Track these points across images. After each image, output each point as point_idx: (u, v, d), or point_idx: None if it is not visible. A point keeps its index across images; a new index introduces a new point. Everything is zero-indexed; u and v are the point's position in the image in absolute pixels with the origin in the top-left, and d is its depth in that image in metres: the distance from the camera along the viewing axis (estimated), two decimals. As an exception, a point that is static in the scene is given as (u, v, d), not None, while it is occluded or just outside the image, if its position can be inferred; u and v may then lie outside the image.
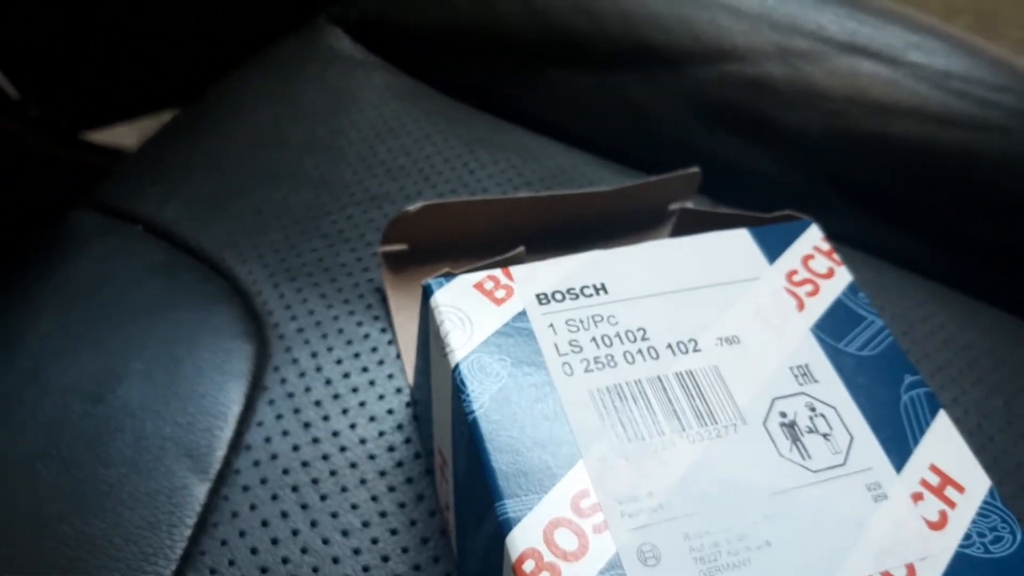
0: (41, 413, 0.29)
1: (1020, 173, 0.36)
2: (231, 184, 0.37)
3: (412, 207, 0.31)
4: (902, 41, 0.40)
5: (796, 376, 0.24)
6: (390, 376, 0.30)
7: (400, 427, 0.29)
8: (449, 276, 0.25)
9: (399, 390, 0.30)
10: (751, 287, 0.26)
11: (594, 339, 0.24)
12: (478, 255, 0.32)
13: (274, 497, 0.27)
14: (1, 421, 0.29)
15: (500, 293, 0.25)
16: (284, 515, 0.26)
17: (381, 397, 0.29)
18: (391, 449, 0.28)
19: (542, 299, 0.25)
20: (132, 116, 1.01)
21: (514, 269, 0.26)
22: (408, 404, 0.30)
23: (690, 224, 0.32)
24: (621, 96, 0.40)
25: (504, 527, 0.21)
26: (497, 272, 0.25)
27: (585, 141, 0.40)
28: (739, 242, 0.28)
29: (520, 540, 0.20)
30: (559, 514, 0.21)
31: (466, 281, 0.25)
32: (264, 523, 0.26)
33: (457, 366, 0.23)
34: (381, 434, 0.29)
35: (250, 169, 0.38)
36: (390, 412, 0.29)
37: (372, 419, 0.29)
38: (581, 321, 0.25)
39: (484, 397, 0.23)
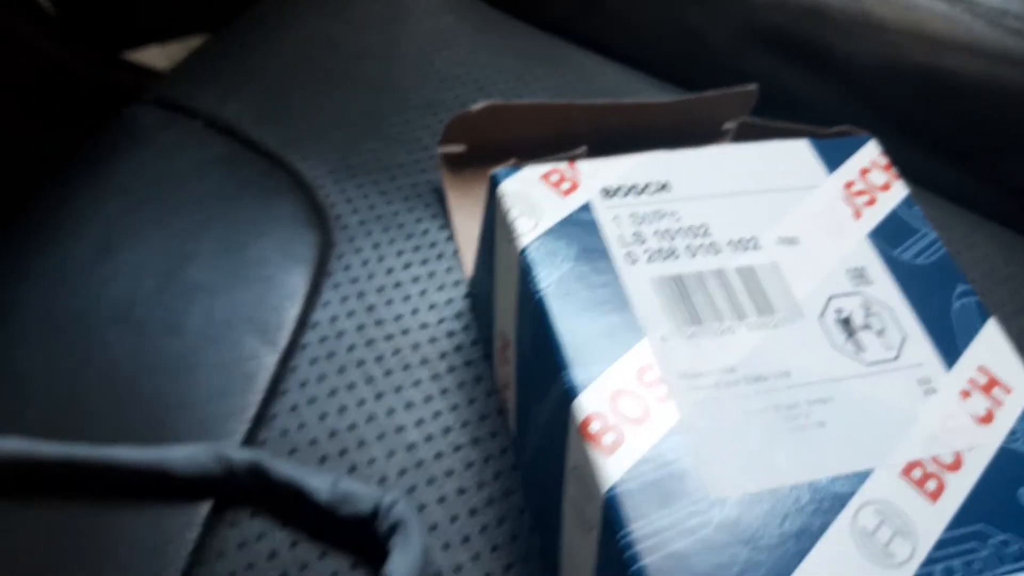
0: (113, 286, 0.30)
1: None
2: (288, 86, 0.38)
3: (476, 106, 0.31)
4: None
5: (852, 277, 0.25)
6: (448, 269, 0.31)
7: (459, 315, 0.30)
8: (516, 167, 0.26)
9: (457, 283, 0.31)
10: (810, 193, 0.27)
11: (657, 232, 0.25)
12: (535, 159, 0.33)
13: (341, 370, 0.28)
14: (74, 291, 0.30)
15: (565, 185, 0.26)
16: (350, 387, 0.28)
17: (440, 287, 0.30)
18: (451, 334, 0.29)
19: (606, 193, 0.26)
20: (168, 37, 1.01)
21: (580, 163, 0.26)
22: (466, 295, 0.31)
23: (749, 137, 0.33)
24: (678, 19, 0.40)
25: (571, 393, 0.22)
26: (563, 165, 0.26)
27: (639, 63, 0.40)
28: (799, 152, 0.29)
29: (586, 404, 0.21)
30: (623, 385, 0.22)
31: (533, 172, 0.26)
32: (332, 392, 0.27)
33: (524, 250, 0.24)
34: (441, 320, 0.30)
35: (306, 73, 0.38)
36: (449, 302, 0.30)
37: (432, 307, 0.30)
38: (644, 215, 0.25)
39: (550, 279, 0.24)
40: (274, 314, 0.29)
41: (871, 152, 0.29)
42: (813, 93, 0.39)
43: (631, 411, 0.21)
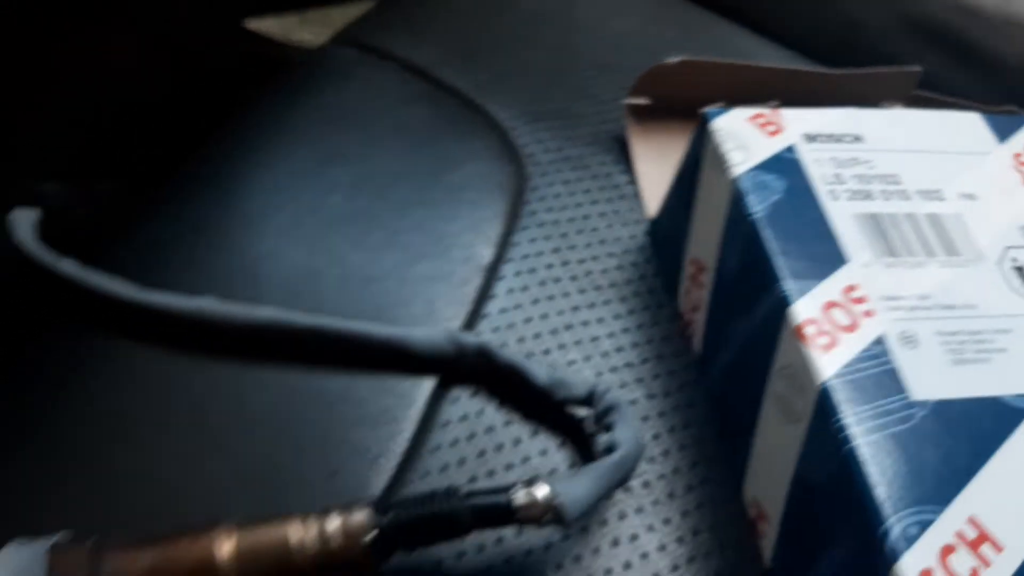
0: (334, 196, 0.33)
1: None
2: (474, 39, 0.41)
3: (671, 59, 0.34)
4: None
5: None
6: (631, 209, 0.34)
7: (641, 249, 0.33)
8: (725, 108, 0.29)
9: (638, 221, 0.34)
10: (985, 159, 0.30)
11: (854, 176, 0.28)
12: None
13: (541, 283, 0.31)
14: (295, 197, 0.33)
15: (771, 128, 0.29)
16: (550, 298, 0.31)
17: (624, 224, 0.34)
18: (634, 265, 0.32)
19: (808, 138, 0.29)
20: (287, 8, 1.06)
21: (783, 111, 0.29)
22: (647, 232, 0.34)
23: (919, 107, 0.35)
24: (839, 7, 0.43)
25: (787, 300, 0.24)
26: (767, 110, 0.29)
27: (797, 46, 0.43)
28: (973, 122, 0.31)
29: (802, 311, 0.24)
30: (834, 298, 0.25)
31: (742, 113, 0.29)
32: (534, 301, 0.31)
33: (737, 179, 0.27)
34: (625, 251, 0.33)
35: (489, 28, 0.42)
36: (632, 237, 0.33)
37: (617, 239, 0.33)
38: (843, 160, 0.28)
39: (762, 205, 0.27)
40: (478, 232, 0.32)
41: (1041, 127, 0.31)
42: (962, 84, 0.41)
43: (841, 320, 0.24)
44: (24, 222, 0.32)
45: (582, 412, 0.27)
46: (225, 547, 0.22)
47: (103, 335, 0.29)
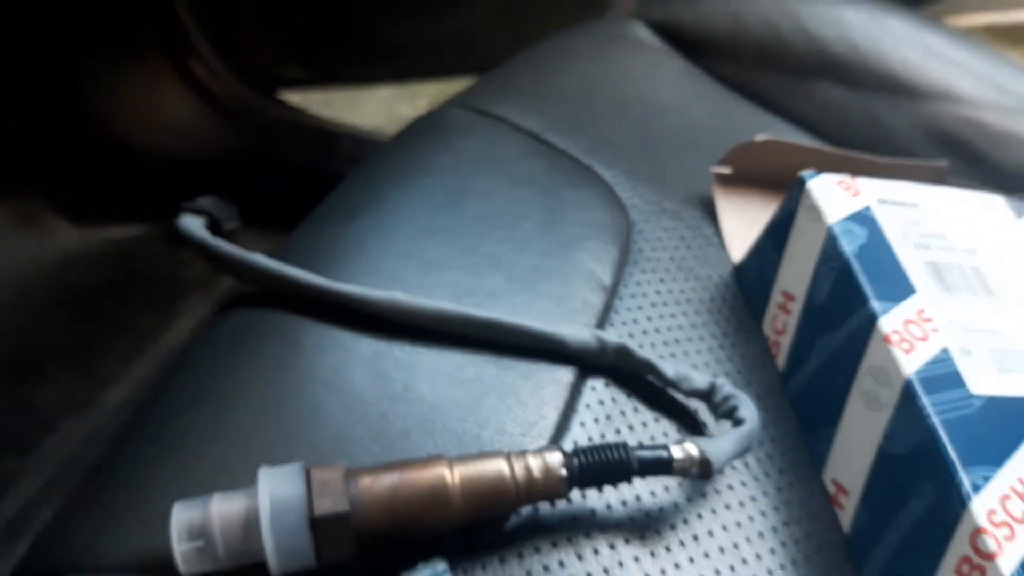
0: (468, 228, 0.40)
1: None
2: (575, 111, 0.49)
3: (758, 137, 0.42)
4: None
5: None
6: (718, 254, 0.41)
7: (727, 286, 0.40)
8: (816, 172, 0.37)
9: (724, 264, 0.41)
10: (1007, 230, 0.38)
11: (916, 232, 0.36)
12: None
13: (653, 304, 0.38)
14: (426, 234, 0.40)
15: (852, 191, 0.37)
16: (661, 316, 0.38)
17: (713, 266, 0.41)
18: (724, 299, 0.39)
19: (881, 202, 0.36)
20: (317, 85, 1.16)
21: (859, 179, 0.37)
22: (732, 272, 0.41)
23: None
24: (871, 113, 0.52)
25: (875, 316, 0.32)
26: (847, 178, 0.37)
27: (831, 138, 0.51)
28: (996, 201, 0.39)
29: (887, 324, 0.31)
30: (910, 317, 0.32)
31: (831, 178, 0.37)
32: (649, 318, 0.37)
33: (831, 226, 0.35)
34: (717, 287, 0.40)
35: (587, 104, 0.50)
36: (720, 276, 0.40)
37: (709, 277, 0.40)
38: (906, 220, 0.36)
39: (851, 247, 0.34)
40: (599, 260, 0.39)
41: (1051, 211, 0.40)
42: (969, 184, 0.50)
43: (916, 333, 0.31)
44: (195, 224, 0.38)
45: (697, 404, 0.34)
46: (452, 474, 0.28)
47: (294, 316, 0.35)
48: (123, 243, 0.90)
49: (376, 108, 1.35)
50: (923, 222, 0.36)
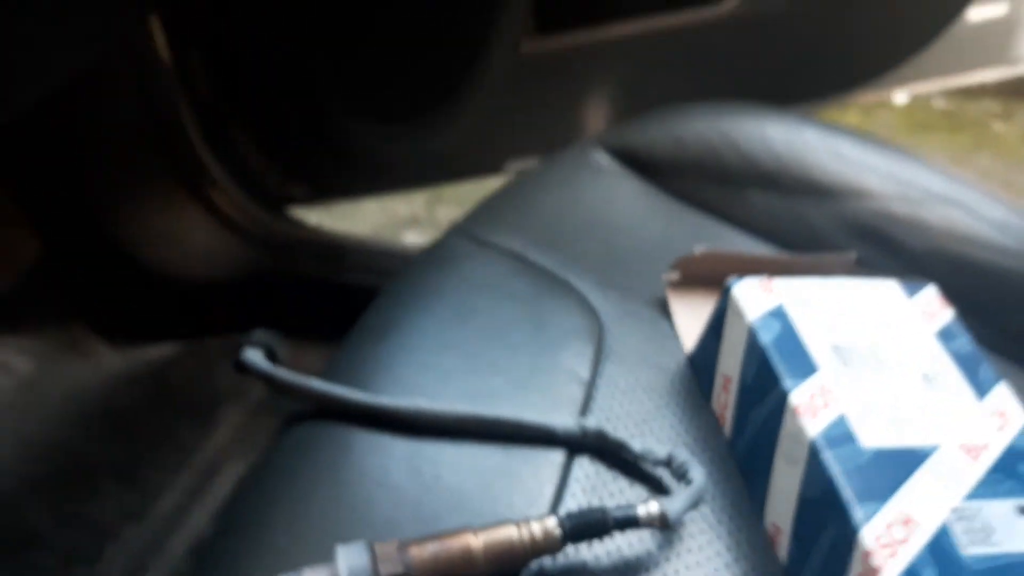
0: (472, 341, 0.50)
1: None
2: (551, 233, 0.60)
3: (697, 249, 0.53)
4: (975, 199, 0.62)
5: (935, 345, 0.45)
6: (675, 346, 0.52)
7: (683, 371, 0.50)
8: (739, 278, 0.47)
9: (679, 353, 0.51)
10: (899, 310, 0.48)
11: (821, 320, 0.46)
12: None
13: (624, 392, 0.48)
14: (435, 348, 0.50)
15: (768, 292, 0.47)
16: (631, 401, 0.47)
17: (671, 356, 0.51)
18: (681, 382, 0.49)
19: (792, 297, 0.47)
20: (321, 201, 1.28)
21: (774, 280, 0.47)
22: (687, 360, 0.51)
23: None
24: (798, 214, 0.62)
25: (787, 392, 0.42)
26: (765, 281, 0.47)
27: (773, 239, 0.62)
28: (891, 286, 0.50)
29: (796, 399, 0.41)
30: (814, 390, 0.42)
31: (750, 282, 0.47)
32: (622, 404, 0.47)
33: (750, 323, 0.45)
34: (674, 374, 0.50)
35: (561, 226, 0.60)
36: (677, 364, 0.51)
37: (667, 366, 0.50)
38: (812, 312, 0.46)
39: (768, 338, 0.44)
40: (577, 359, 0.49)
41: (932, 291, 0.50)
42: (885, 266, 0.60)
43: (819, 403, 0.41)
44: (256, 355, 0.48)
45: (661, 471, 0.44)
46: (477, 540, 0.37)
47: (345, 426, 0.45)
48: (159, 361, 1.00)
49: (375, 209, 1.47)
50: (827, 311, 0.47)
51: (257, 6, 0.97)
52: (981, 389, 0.45)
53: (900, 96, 1.86)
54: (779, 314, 0.46)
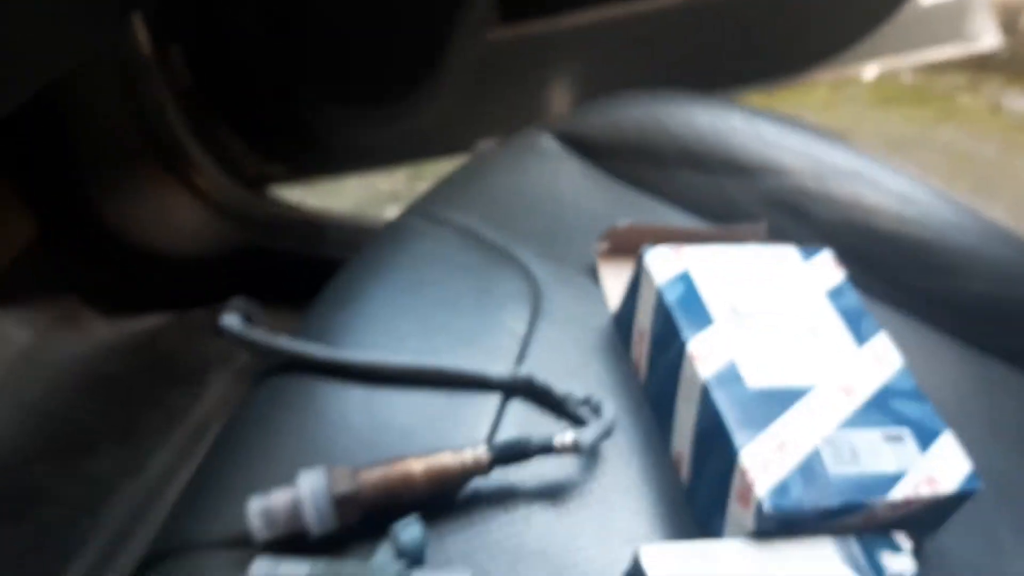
0: (421, 307, 0.57)
1: (940, 249, 0.65)
2: (498, 210, 0.67)
3: (620, 224, 0.60)
4: (880, 171, 0.69)
5: (824, 302, 0.53)
6: (602, 306, 0.59)
7: (608, 327, 0.58)
8: (652, 247, 0.55)
9: (605, 313, 0.59)
10: (795, 273, 0.56)
11: (721, 283, 0.53)
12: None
13: (559, 347, 0.55)
14: (402, 310, 0.57)
15: (676, 258, 0.54)
16: (564, 352, 0.55)
17: (598, 315, 0.58)
18: (606, 338, 0.57)
19: (697, 264, 0.54)
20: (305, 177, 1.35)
21: (684, 248, 0.55)
22: (613, 317, 0.58)
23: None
24: (721, 189, 0.70)
25: (686, 342, 0.49)
26: (674, 249, 0.55)
27: (697, 211, 0.69)
28: (789, 252, 0.57)
29: (693, 348, 0.49)
30: (711, 339, 0.49)
31: (661, 250, 0.54)
32: (551, 355, 0.55)
33: (658, 286, 0.52)
34: (600, 328, 0.57)
35: (508, 203, 0.67)
36: (603, 321, 0.58)
37: (595, 324, 0.58)
38: (713, 276, 0.54)
39: (673, 297, 0.52)
40: (516, 318, 0.57)
41: (827, 255, 0.57)
42: (798, 234, 0.68)
43: (712, 350, 0.49)
44: (233, 320, 0.55)
45: (582, 410, 0.51)
46: (418, 465, 0.45)
47: (310, 378, 0.52)
48: (148, 331, 1.07)
49: (357, 185, 1.54)
50: (729, 275, 0.54)
51: (231, 3, 1.03)
52: (861, 338, 0.52)
53: (869, 71, 1.93)
54: (684, 278, 0.53)
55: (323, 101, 1.13)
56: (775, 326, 0.52)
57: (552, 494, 0.48)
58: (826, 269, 0.57)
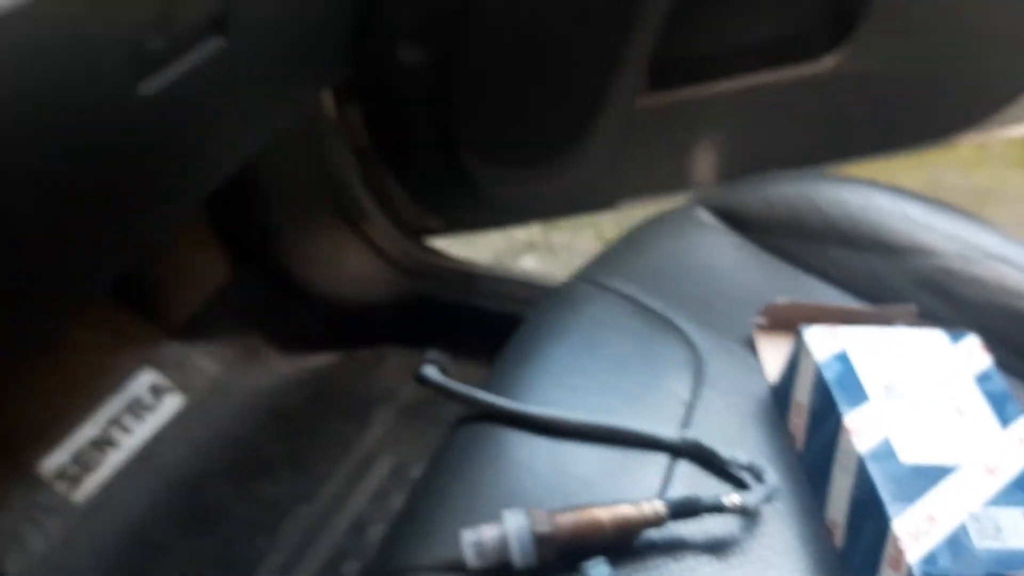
0: (595, 369, 0.65)
1: None
2: (659, 279, 0.73)
3: (779, 301, 0.66)
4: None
5: (971, 384, 0.57)
6: (760, 377, 0.65)
7: (766, 397, 0.63)
8: (809, 326, 0.60)
9: (763, 383, 0.64)
10: (944, 354, 0.60)
11: (876, 361, 0.58)
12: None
13: (727, 409, 0.61)
14: (575, 369, 0.65)
15: (834, 337, 0.60)
16: (741, 422, 0.61)
17: (756, 385, 0.64)
18: (763, 407, 0.63)
19: (854, 344, 0.59)
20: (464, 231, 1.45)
21: (840, 327, 0.60)
22: (771, 388, 0.64)
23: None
24: (871, 268, 0.74)
25: (842, 416, 0.54)
26: (832, 328, 0.60)
27: (848, 288, 0.74)
28: (937, 335, 0.62)
29: (850, 422, 0.54)
30: (867, 414, 0.54)
31: (819, 328, 0.60)
32: (713, 420, 0.61)
33: (817, 363, 0.58)
34: (759, 399, 0.63)
35: (666, 275, 0.74)
36: (762, 391, 0.64)
37: (754, 392, 0.63)
38: (868, 355, 0.59)
39: (831, 375, 0.57)
40: (679, 383, 0.63)
41: (974, 340, 0.62)
42: (947, 316, 0.71)
43: (868, 426, 0.54)
44: (433, 371, 0.64)
45: (743, 474, 0.57)
46: (604, 513, 0.51)
47: (500, 427, 0.60)
48: (321, 368, 1.18)
49: (496, 234, 1.64)
50: (883, 356, 0.59)
51: (407, 73, 1.14)
52: (1006, 420, 0.56)
53: (1015, 130, 1.91)
54: (842, 357, 0.59)
55: (482, 160, 1.23)
56: (925, 405, 0.56)
57: (717, 549, 0.54)
58: (973, 353, 0.61)
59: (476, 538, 0.50)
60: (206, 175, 0.83)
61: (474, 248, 1.55)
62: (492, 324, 1.21)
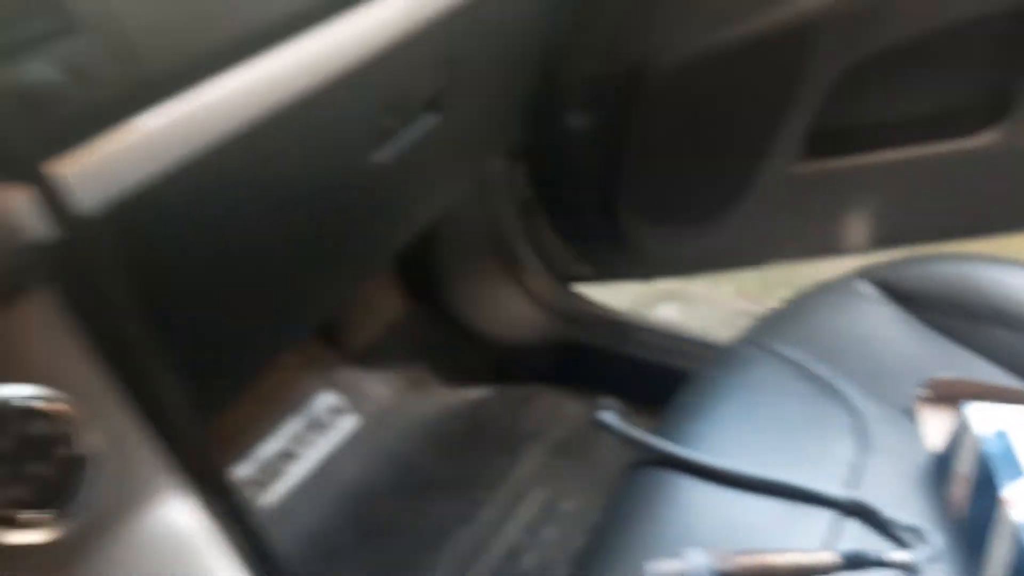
0: (757, 431, 0.71)
1: None
2: (820, 349, 0.79)
3: (942, 376, 0.71)
4: None
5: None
6: (920, 445, 0.70)
7: (929, 466, 0.68)
8: (970, 402, 0.65)
9: (924, 452, 0.69)
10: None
11: (1035, 442, 0.63)
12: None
13: (880, 476, 0.66)
14: (743, 430, 0.71)
15: (994, 415, 0.64)
16: (886, 487, 0.66)
17: (919, 454, 0.69)
18: (924, 473, 0.67)
19: (1013, 423, 0.64)
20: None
21: (999, 406, 0.65)
22: (931, 458, 0.69)
23: None
24: (1010, 345, 0.78)
25: (999, 488, 0.59)
26: (992, 405, 0.65)
27: (1006, 365, 0.78)
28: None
29: (1008, 494, 0.59)
30: (1021, 491, 0.59)
31: (981, 405, 0.65)
32: (879, 483, 0.66)
33: (978, 438, 0.63)
34: (920, 467, 0.68)
35: (827, 342, 0.80)
36: (923, 459, 0.69)
37: (917, 461, 0.68)
38: (1029, 434, 0.63)
39: (990, 450, 0.62)
40: (842, 448, 0.69)
41: None
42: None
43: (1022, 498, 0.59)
44: (612, 417, 0.71)
45: (907, 535, 0.62)
46: (778, 558, 0.58)
47: (674, 474, 0.67)
48: (478, 400, 1.27)
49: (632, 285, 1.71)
50: (1039, 439, 0.63)
51: (573, 137, 1.24)
52: None
53: None
54: (1002, 435, 0.63)
55: (639, 218, 1.31)
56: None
57: (881, 600, 0.59)
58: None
59: (659, 572, 0.57)
60: (408, 230, 0.94)
61: (615, 293, 1.62)
62: (639, 372, 1.29)
